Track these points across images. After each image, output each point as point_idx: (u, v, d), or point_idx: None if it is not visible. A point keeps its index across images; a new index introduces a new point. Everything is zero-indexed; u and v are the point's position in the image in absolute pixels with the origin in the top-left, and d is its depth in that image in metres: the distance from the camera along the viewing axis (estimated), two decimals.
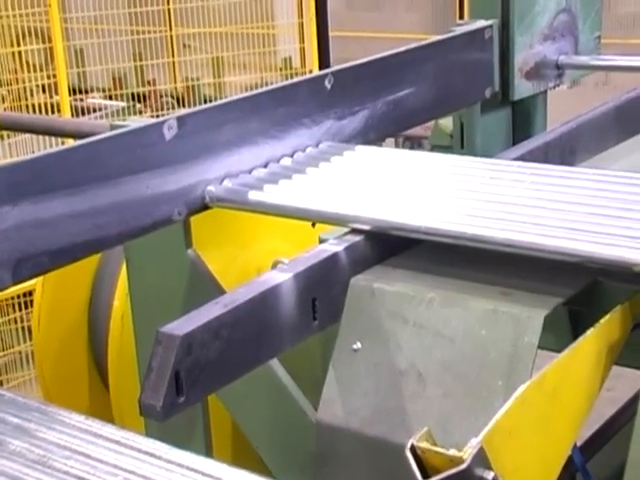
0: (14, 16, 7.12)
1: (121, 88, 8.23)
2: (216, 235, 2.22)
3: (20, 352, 5.75)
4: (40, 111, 6.95)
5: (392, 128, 2.09)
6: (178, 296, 1.98)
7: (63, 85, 7.08)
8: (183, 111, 1.69)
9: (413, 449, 1.08)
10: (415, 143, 7.03)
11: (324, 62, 7.85)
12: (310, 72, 7.28)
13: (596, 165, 2.09)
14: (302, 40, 8.25)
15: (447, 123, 2.83)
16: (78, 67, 8.26)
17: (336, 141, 1.91)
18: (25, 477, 1.01)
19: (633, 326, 1.45)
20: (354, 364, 1.47)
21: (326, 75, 1.90)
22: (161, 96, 8.45)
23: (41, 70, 7.23)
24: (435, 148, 2.99)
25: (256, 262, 2.30)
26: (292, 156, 1.84)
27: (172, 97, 8.51)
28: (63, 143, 4.54)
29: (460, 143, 2.47)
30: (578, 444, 2.25)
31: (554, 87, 2.54)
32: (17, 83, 7.09)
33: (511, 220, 1.50)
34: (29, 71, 7.17)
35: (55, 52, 7.02)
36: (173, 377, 1.27)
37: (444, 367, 1.40)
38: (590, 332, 1.35)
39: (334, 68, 1.94)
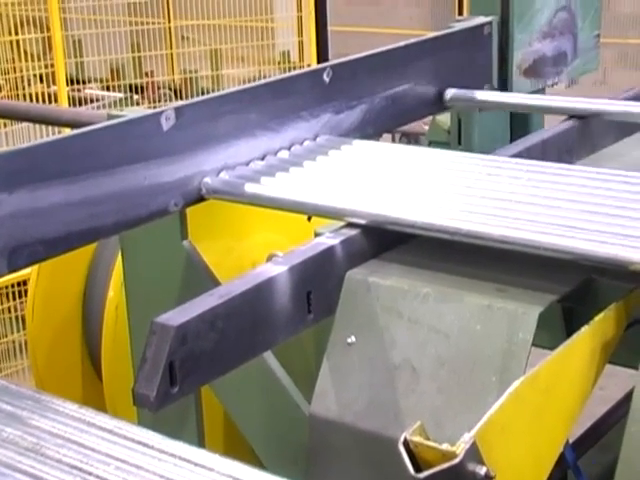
0: (12, 4, 7.12)
1: (119, 79, 8.22)
2: (212, 227, 2.22)
3: (13, 341, 5.74)
4: (37, 101, 6.94)
5: (390, 123, 2.09)
6: (173, 287, 1.97)
7: (61, 75, 7.07)
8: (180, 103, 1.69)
9: (406, 443, 1.09)
10: (412, 139, 7.01)
11: (322, 56, 7.84)
12: (308, 66, 7.26)
13: (593, 163, 2.08)
14: (301, 34, 8.23)
15: (445, 119, 2.83)
16: (76, 57, 8.24)
17: (334, 135, 1.91)
18: (18, 465, 1.00)
19: (627, 325, 1.45)
20: (348, 358, 1.47)
21: (325, 69, 1.90)
22: (158, 88, 8.44)
23: (39, 59, 7.22)
24: (432, 144, 2.99)
25: (251, 255, 2.30)
26: (289, 149, 1.84)
27: (169, 89, 8.50)
28: (60, 133, 4.53)
29: (457, 139, 2.47)
30: (570, 441, 2.25)
31: (552, 85, 2.54)
32: (14, 72, 7.08)
33: (507, 217, 1.50)
34: (27, 60, 7.16)
35: (53, 42, 7.01)
36: (167, 367, 1.27)
37: (438, 362, 1.40)
38: (584, 330, 1.35)
39: (333, 62, 1.93)
